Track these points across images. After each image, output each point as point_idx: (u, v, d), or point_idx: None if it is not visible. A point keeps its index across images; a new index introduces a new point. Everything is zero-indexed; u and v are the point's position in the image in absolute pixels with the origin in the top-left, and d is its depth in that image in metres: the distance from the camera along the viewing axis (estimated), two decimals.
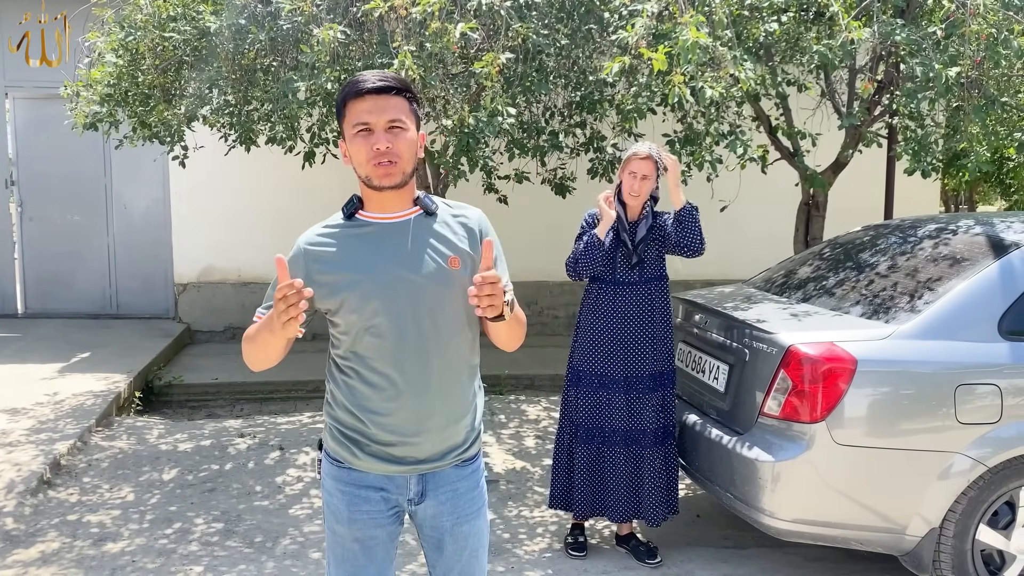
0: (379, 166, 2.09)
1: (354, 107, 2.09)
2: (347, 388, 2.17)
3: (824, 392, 3.39)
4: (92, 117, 5.91)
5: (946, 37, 4.63)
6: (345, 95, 2.10)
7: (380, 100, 2.07)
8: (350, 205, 2.21)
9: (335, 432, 2.22)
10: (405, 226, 2.17)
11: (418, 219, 2.19)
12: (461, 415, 2.22)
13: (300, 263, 2.15)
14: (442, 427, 2.17)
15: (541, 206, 7.31)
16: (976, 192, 19.44)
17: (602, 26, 5.06)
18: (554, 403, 6.94)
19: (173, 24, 5.40)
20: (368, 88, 2.07)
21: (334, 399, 2.22)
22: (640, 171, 3.98)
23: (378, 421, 2.13)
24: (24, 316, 9.56)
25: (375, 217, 2.18)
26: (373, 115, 2.07)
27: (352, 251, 2.15)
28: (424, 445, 2.16)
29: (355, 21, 4.97)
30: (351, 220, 2.20)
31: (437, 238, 2.17)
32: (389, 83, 2.09)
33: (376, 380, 2.13)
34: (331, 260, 2.14)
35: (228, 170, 8.09)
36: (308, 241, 2.20)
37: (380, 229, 2.17)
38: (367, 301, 2.10)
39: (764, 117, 6.18)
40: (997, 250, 3.70)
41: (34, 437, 5.52)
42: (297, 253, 2.18)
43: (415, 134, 2.14)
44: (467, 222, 2.24)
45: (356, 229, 2.18)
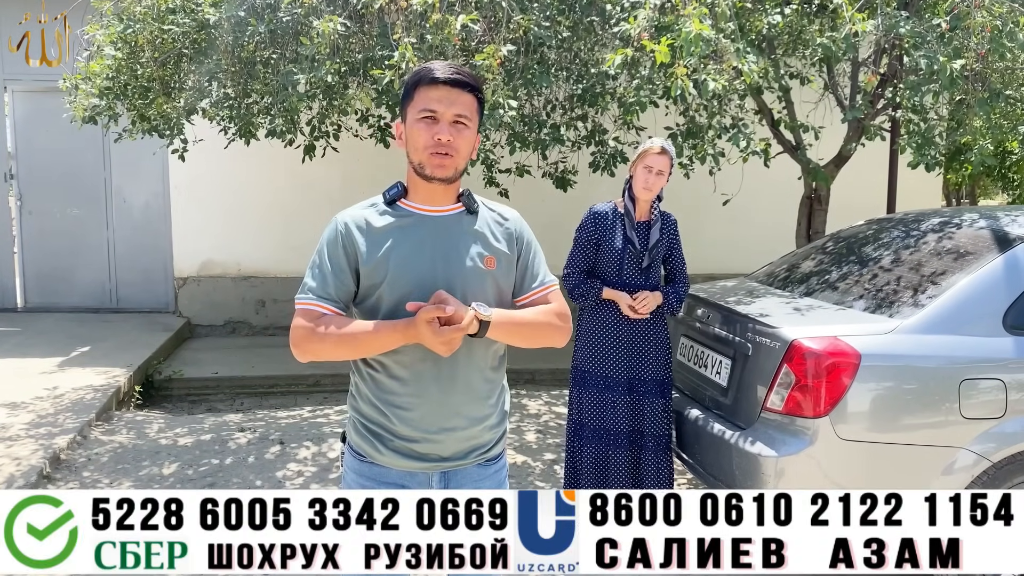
0: (435, 156, 2.08)
1: (424, 93, 2.08)
2: (372, 382, 2.16)
3: (827, 387, 3.37)
4: (91, 110, 5.88)
5: (951, 30, 4.59)
6: (417, 80, 2.10)
7: (452, 92, 2.08)
8: (393, 191, 2.19)
9: (358, 425, 2.21)
10: (446, 221, 2.17)
11: (459, 216, 2.19)
12: (486, 415, 2.21)
13: (340, 242, 2.14)
14: (466, 426, 2.17)
15: (542, 199, 7.28)
16: (978, 186, 19.40)
17: (604, 18, 5.03)
18: (555, 398, 6.93)
19: (172, 16, 5.37)
20: (443, 78, 2.07)
21: (359, 392, 2.21)
22: (656, 166, 3.96)
23: (402, 416, 2.12)
24: (24, 310, 9.54)
25: (418, 208, 2.17)
26: (442, 105, 2.07)
27: (392, 239, 2.13)
28: (447, 443, 2.15)
29: (355, 13, 4.94)
30: (392, 207, 2.18)
31: (476, 237, 2.18)
32: (464, 78, 2.10)
33: (402, 375, 2.12)
34: (371, 245, 2.12)
35: (228, 164, 8.06)
36: (350, 220, 2.16)
37: (421, 221, 2.16)
38: (400, 293, 2.09)
39: (767, 110, 6.15)
40: (1001, 244, 3.67)
41: (34, 431, 5.51)
42: (338, 231, 2.15)
43: (475, 133, 2.16)
44: (506, 224, 2.26)
45: (398, 219, 2.16)
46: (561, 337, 2.27)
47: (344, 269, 2.12)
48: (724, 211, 6.73)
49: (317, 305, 2.12)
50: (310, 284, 2.14)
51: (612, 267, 4.05)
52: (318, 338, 2.09)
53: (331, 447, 5.63)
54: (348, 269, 2.12)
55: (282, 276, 9.39)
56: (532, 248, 2.30)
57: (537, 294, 2.27)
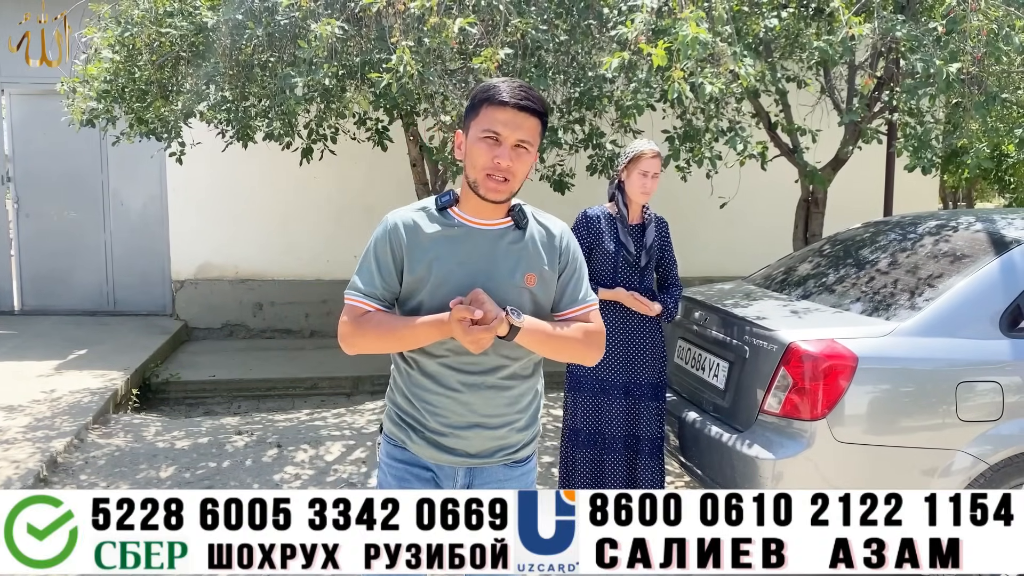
0: (491, 179, 2.11)
1: (492, 113, 2.10)
2: (407, 376, 2.23)
3: (825, 389, 3.37)
4: (89, 113, 5.88)
5: (947, 33, 4.61)
6: (486, 97, 2.11)
7: (519, 116, 2.09)
8: (446, 199, 2.22)
9: (394, 416, 2.29)
10: (493, 235, 2.20)
11: (506, 231, 2.22)
12: (514, 418, 2.25)
13: (388, 242, 2.18)
14: (494, 427, 2.21)
15: (539, 203, 7.26)
16: (975, 189, 19.44)
17: (601, 21, 5.04)
18: (551, 400, 6.93)
19: (170, 20, 5.38)
20: (512, 102, 2.08)
21: (395, 385, 2.30)
22: (652, 170, 3.97)
23: (431, 411, 2.19)
24: (21, 313, 9.53)
25: (468, 219, 2.20)
26: (507, 129, 2.09)
27: (438, 248, 2.16)
28: (474, 441, 2.20)
29: (353, 16, 4.94)
30: (442, 214, 2.20)
31: (520, 253, 2.21)
32: (533, 104, 2.10)
33: (435, 373, 2.18)
34: (417, 249, 2.16)
35: (225, 166, 8.07)
36: (402, 221, 2.19)
37: (469, 233, 2.19)
38: (440, 302, 2.13)
39: (764, 113, 6.16)
40: (998, 247, 3.68)
41: (31, 435, 5.49)
42: (387, 231, 2.19)
43: (534, 156, 2.18)
44: (552, 238, 2.28)
45: (446, 228, 2.18)
46: (592, 355, 2.31)
47: (391, 269, 2.18)
48: (722, 214, 6.74)
49: (362, 302, 2.19)
50: (358, 281, 2.21)
51: (606, 271, 4.05)
52: (361, 335, 2.17)
53: (328, 450, 5.63)
54: (394, 270, 2.18)
55: (280, 279, 9.39)
56: (575, 266, 2.32)
57: (574, 313, 2.30)
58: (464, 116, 2.21)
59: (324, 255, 9.24)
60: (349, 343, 2.22)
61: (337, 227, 9.06)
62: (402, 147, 6.66)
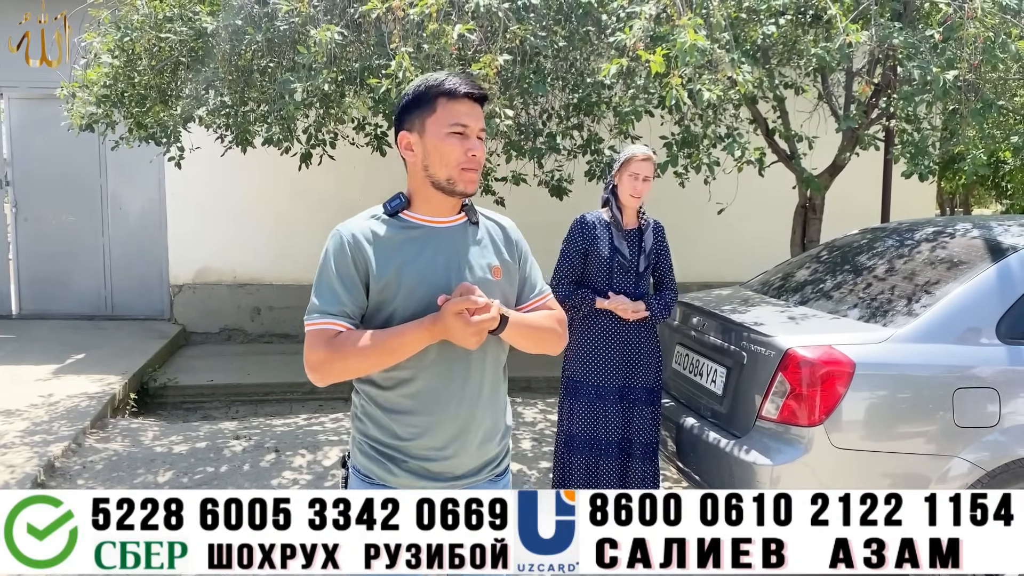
0: (466, 171, 2.07)
1: (452, 107, 2.05)
2: (383, 400, 2.09)
3: (822, 395, 3.38)
4: (88, 118, 5.89)
5: (944, 40, 4.63)
6: (440, 91, 2.05)
7: (475, 107, 2.08)
8: (396, 203, 2.12)
9: (366, 448, 2.13)
10: (453, 232, 2.14)
11: (464, 226, 2.16)
12: (498, 428, 2.21)
13: (348, 255, 2.05)
14: (481, 441, 2.14)
15: (538, 208, 7.28)
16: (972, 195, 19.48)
17: (600, 28, 5.05)
18: (550, 405, 6.93)
19: (170, 25, 5.39)
20: (469, 92, 2.06)
21: (366, 415, 2.13)
22: (642, 172, 3.98)
23: (418, 435, 2.07)
24: (19, 317, 9.52)
25: (424, 219, 2.12)
26: (471, 120, 2.06)
27: (403, 252, 2.07)
28: (463, 460, 2.11)
29: (352, 22, 4.96)
30: (396, 219, 2.11)
31: (481, 248, 2.16)
32: (484, 92, 2.10)
33: (418, 391, 2.07)
34: (382, 257, 2.05)
35: (224, 171, 8.08)
36: (358, 232, 2.07)
37: (430, 233, 2.11)
38: (415, 308, 2.04)
39: (761, 120, 6.18)
40: (995, 253, 3.69)
41: (28, 439, 5.49)
42: (345, 243, 2.06)
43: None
44: (506, 231, 2.25)
45: (405, 231, 2.10)
46: (560, 343, 2.28)
47: (356, 283, 2.05)
48: (719, 220, 6.74)
49: (331, 324, 2.03)
50: (320, 303, 2.06)
51: (602, 276, 4.06)
52: (340, 358, 2.00)
53: (326, 455, 5.63)
54: (360, 283, 2.05)
55: (278, 283, 9.40)
56: (529, 256, 2.30)
57: (537, 302, 2.27)
58: (404, 113, 2.11)
59: None
60: (324, 372, 2.02)
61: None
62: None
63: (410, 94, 2.10)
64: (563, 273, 4.09)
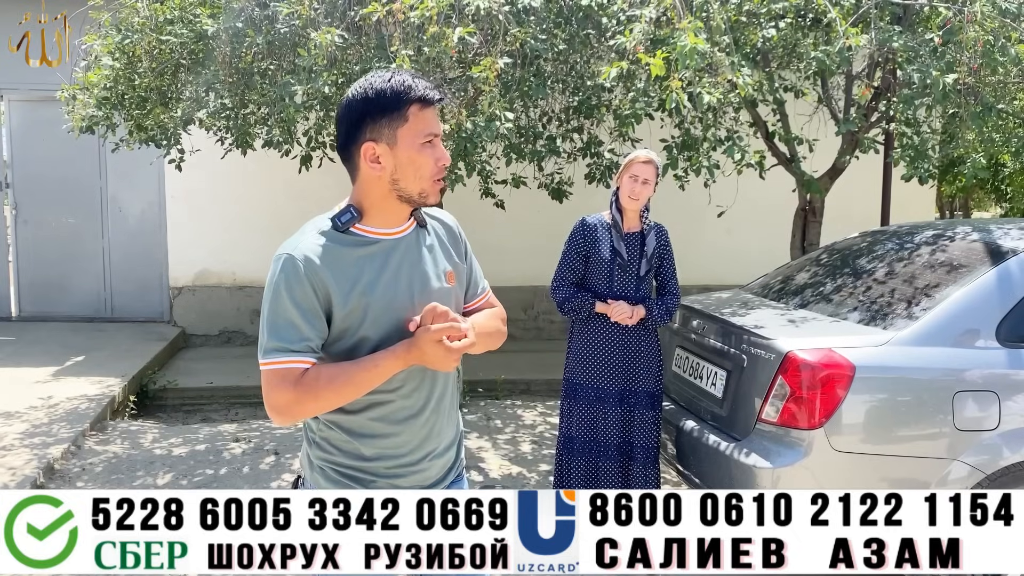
0: (437, 182, 1.95)
1: (423, 115, 1.90)
2: (349, 424, 1.99)
3: (822, 398, 3.38)
4: (88, 120, 5.90)
5: (943, 44, 4.63)
6: (411, 99, 1.89)
7: (436, 111, 1.94)
8: (346, 217, 1.96)
9: (329, 472, 2.02)
10: (408, 243, 2.01)
11: (416, 233, 2.04)
12: (457, 433, 2.19)
13: (303, 279, 1.88)
14: (446, 448, 2.11)
15: (538, 211, 7.30)
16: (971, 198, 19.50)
17: (600, 31, 5.07)
18: (550, 408, 6.92)
19: (170, 27, 5.40)
20: (437, 98, 1.92)
21: (326, 439, 2.02)
22: (642, 175, 3.98)
23: (387, 454, 2.01)
24: (18, 319, 9.52)
25: (377, 232, 1.97)
26: (438, 126, 1.94)
27: (362, 274, 1.92)
28: (431, 470, 2.07)
29: (353, 25, 4.97)
30: (348, 234, 1.95)
31: (433, 253, 2.06)
32: (443, 94, 1.96)
33: (387, 413, 1.99)
34: (343, 280, 1.90)
35: (224, 174, 8.08)
36: (311, 255, 1.90)
37: (386, 247, 1.97)
38: (385, 330, 1.94)
39: (761, 123, 6.18)
40: (994, 256, 3.70)
41: (28, 441, 5.49)
42: (299, 268, 1.88)
43: None
44: (450, 229, 2.15)
45: (361, 247, 1.94)
46: (503, 340, 2.21)
47: (317, 311, 1.88)
48: (720, 223, 6.75)
49: (295, 362, 1.87)
50: (278, 339, 1.87)
51: (602, 279, 4.06)
52: (311, 399, 1.87)
53: None
54: (321, 311, 1.89)
55: None
56: (471, 252, 2.21)
57: (481, 300, 2.21)
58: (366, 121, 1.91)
59: None
60: (292, 413, 1.89)
61: None
62: None
63: (371, 98, 1.90)
64: (563, 275, 4.09)
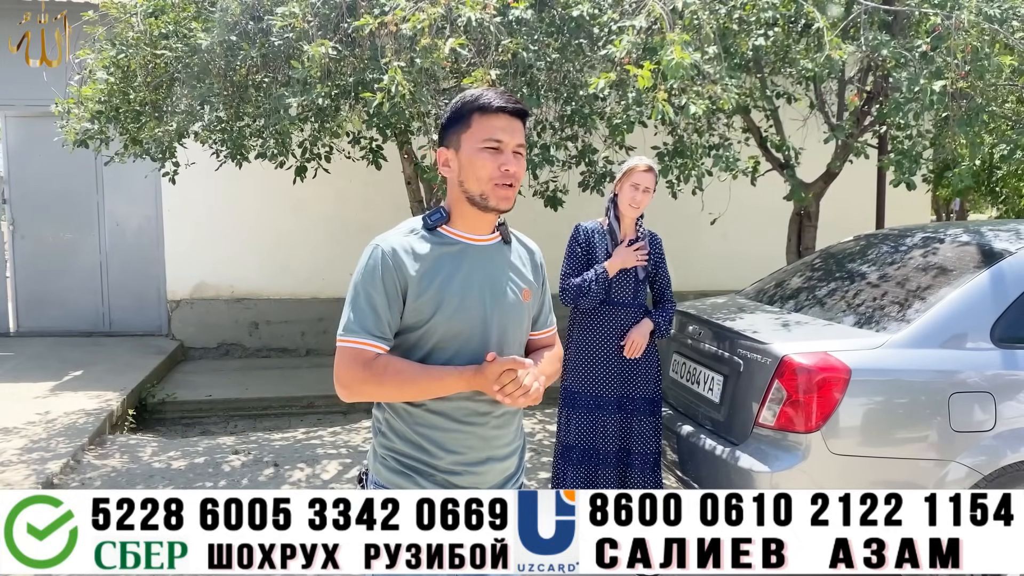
0: (500, 187, 2.04)
1: (486, 122, 2.04)
2: (410, 417, 2.07)
3: (819, 402, 3.39)
4: (83, 134, 5.91)
5: (932, 50, 4.66)
6: (475, 107, 2.05)
7: (513, 122, 2.06)
8: (436, 217, 2.11)
9: (391, 462, 2.10)
10: (489, 251, 2.14)
11: (499, 246, 2.17)
12: (519, 443, 2.22)
13: (390, 269, 2.02)
14: (505, 456, 2.15)
15: (532, 218, 7.30)
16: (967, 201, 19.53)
17: (592, 40, 5.09)
18: (549, 416, 6.93)
19: (165, 41, 5.42)
20: (508, 107, 2.05)
21: (391, 430, 2.11)
22: (643, 183, 3.99)
23: (447, 449, 2.06)
24: (16, 334, 9.51)
25: (461, 236, 2.11)
26: (507, 135, 2.05)
27: (442, 268, 2.05)
28: (488, 475, 2.11)
29: (346, 37, 4.99)
30: (433, 233, 2.10)
31: (513, 268, 2.17)
32: (521, 107, 2.08)
33: (449, 408, 2.06)
34: (422, 273, 2.03)
35: (221, 186, 8.10)
36: (397, 246, 2.04)
37: (467, 250, 2.10)
38: (454, 324, 2.04)
39: (755, 129, 6.21)
40: (988, 258, 3.72)
41: (26, 456, 5.48)
42: (385, 257, 2.03)
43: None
44: (533, 256, 2.28)
45: (443, 246, 2.08)
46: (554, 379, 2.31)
47: (398, 300, 2.02)
48: (715, 228, 6.78)
49: (369, 345, 2.01)
50: (357, 320, 2.02)
51: None
52: (376, 384, 2.00)
53: (325, 469, 5.62)
54: (399, 300, 2.02)
55: (275, 298, 9.41)
56: (547, 285, 2.32)
57: (547, 334, 2.32)
58: (444, 131, 2.12)
59: (320, 273, 9.26)
60: (356, 391, 2.02)
61: (333, 245, 9.08)
62: (397, 165, 6.70)
63: (449, 112, 2.11)
64: (572, 270, 4.07)
